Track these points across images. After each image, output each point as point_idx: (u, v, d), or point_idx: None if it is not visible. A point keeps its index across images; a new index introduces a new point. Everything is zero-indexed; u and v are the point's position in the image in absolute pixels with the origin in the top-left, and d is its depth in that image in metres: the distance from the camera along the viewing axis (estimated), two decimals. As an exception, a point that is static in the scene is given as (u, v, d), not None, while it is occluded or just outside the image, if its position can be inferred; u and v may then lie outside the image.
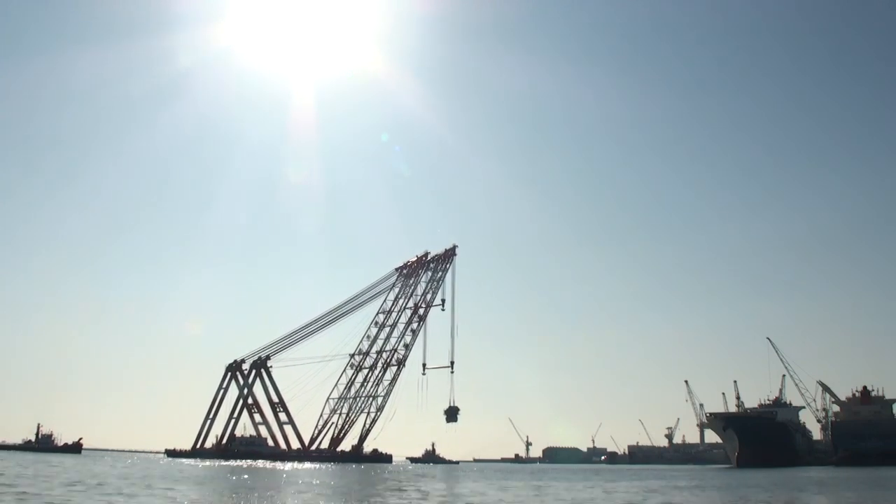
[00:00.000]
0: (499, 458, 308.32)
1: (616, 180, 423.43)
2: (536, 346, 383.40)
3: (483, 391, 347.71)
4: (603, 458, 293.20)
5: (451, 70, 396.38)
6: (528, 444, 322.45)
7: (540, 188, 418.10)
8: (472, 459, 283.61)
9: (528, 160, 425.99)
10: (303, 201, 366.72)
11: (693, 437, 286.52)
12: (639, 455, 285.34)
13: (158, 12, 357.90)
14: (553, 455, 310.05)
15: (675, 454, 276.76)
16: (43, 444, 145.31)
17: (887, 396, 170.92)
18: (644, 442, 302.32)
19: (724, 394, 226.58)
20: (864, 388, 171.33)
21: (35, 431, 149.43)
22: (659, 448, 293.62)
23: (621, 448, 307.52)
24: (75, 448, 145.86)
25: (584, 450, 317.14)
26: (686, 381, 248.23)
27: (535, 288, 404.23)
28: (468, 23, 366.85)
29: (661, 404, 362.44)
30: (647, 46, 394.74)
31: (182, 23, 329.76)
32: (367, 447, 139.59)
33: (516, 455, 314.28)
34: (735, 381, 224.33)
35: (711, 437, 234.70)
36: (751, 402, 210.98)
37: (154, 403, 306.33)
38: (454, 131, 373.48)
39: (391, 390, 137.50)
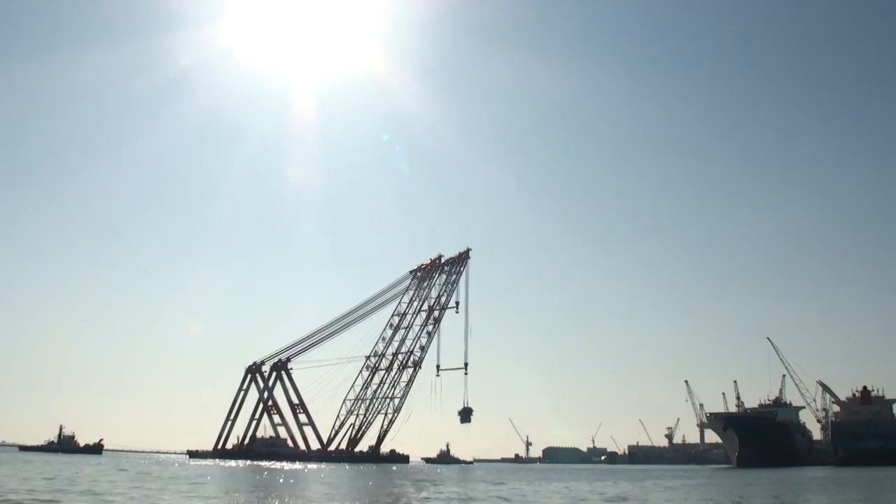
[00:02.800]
0: (499, 458, 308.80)
1: (615, 180, 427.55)
2: (536, 346, 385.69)
3: (483, 391, 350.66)
4: (603, 458, 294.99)
5: (452, 70, 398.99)
6: (529, 444, 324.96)
7: (539, 187, 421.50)
8: (472, 460, 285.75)
9: (528, 159, 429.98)
10: (303, 201, 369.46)
11: (693, 437, 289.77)
12: (639, 455, 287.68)
13: (158, 12, 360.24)
14: (553, 455, 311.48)
15: (675, 454, 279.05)
16: (65, 444, 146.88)
17: (887, 396, 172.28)
18: (644, 442, 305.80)
19: (724, 394, 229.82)
20: (864, 388, 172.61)
21: (57, 432, 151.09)
22: (659, 448, 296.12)
23: (621, 448, 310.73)
24: (97, 449, 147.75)
25: (584, 450, 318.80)
26: (686, 381, 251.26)
27: (534, 287, 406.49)
28: (468, 23, 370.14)
29: (661, 404, 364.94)
30: (648, 46, 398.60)
31: (182, 23, 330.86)
32: (385, 447, 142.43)
33: (516, 455, 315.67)
34: (735, 381, 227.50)
35: (711, 437, 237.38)
36: (751, 402, 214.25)
37: (166, 404, 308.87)
38: (454, 131, 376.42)
39: (408, 391, 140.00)
